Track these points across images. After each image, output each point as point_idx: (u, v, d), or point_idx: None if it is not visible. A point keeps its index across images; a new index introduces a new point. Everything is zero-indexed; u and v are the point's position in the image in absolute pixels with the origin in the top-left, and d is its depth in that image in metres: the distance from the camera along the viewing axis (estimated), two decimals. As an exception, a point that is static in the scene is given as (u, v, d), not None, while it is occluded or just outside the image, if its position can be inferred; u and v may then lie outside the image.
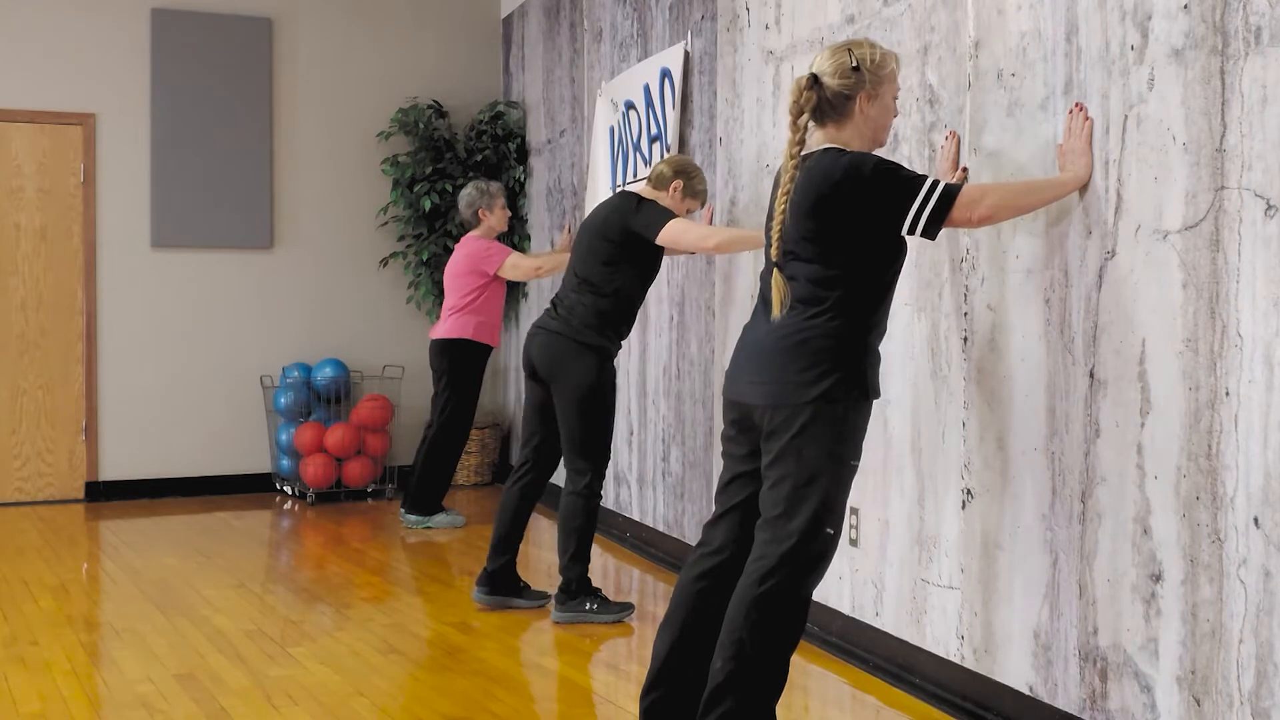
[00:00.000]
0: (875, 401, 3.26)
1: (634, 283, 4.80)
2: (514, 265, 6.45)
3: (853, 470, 3.17)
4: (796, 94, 3.17)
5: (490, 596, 4.97)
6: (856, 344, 3.14)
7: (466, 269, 6.52)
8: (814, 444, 3.09)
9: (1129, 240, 3.15)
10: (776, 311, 3.16)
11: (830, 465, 3.10)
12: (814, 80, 3.18)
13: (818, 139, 3.23)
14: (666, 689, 3.33)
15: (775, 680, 3.15)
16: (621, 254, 4.75)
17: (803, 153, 3.18)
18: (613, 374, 4.84)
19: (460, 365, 6.58)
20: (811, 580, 3.15)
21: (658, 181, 4.88)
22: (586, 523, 4.82)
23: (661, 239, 4.69)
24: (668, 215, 4.71)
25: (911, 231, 3.12)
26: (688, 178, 4.87)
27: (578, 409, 4.76)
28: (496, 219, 6.64)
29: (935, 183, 3.10)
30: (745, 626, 3.09)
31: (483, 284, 6.50)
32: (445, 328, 6.57)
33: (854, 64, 3.17)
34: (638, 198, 4.81)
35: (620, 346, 4.87)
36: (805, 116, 3.17)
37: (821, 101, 3.18)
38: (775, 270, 3.18)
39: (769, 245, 3.22)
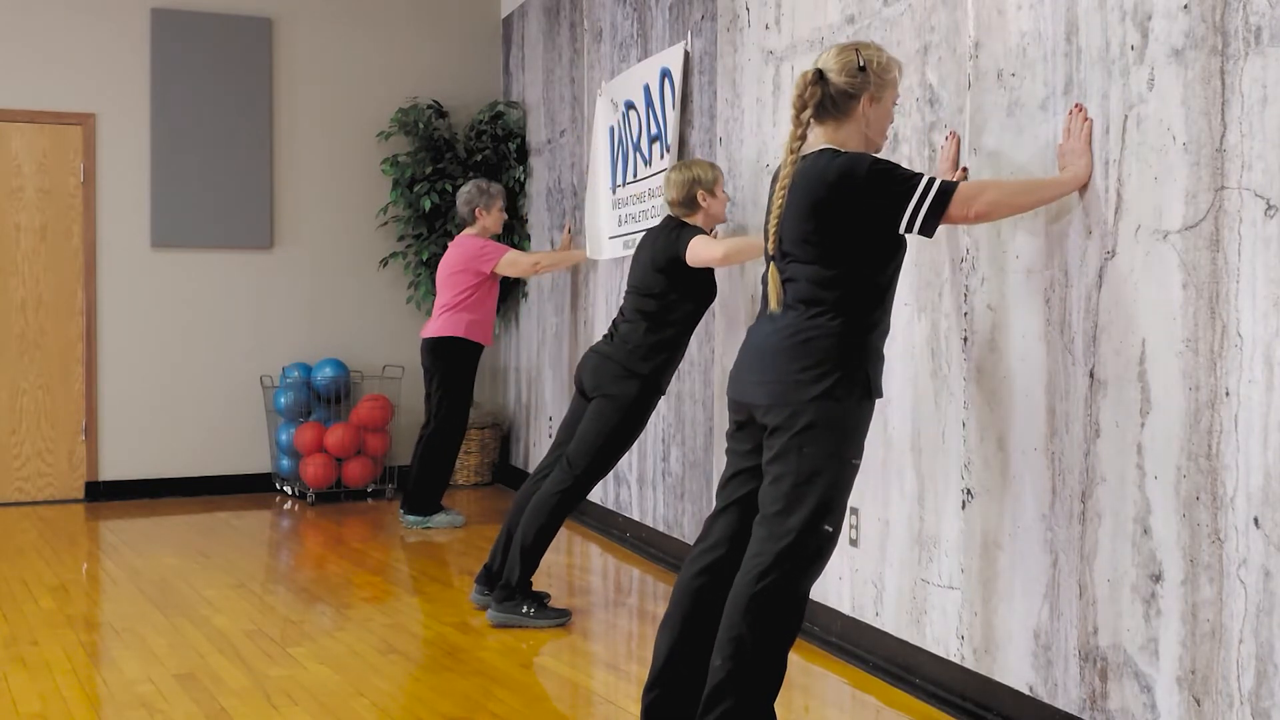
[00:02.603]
0: (876, 401, 3.27)
1: (689, 311, 4.82)
2: (511, 262, 6.45)
3: (854, 469, 3.18)
4: (801, 88, 3.18)
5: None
6: (859, 343, 3.15)
7: (461, 268, 6.52)
8: (816, 442, 3.10)
9: (1129, 240, 3.15)
10: (774, 305, 3.17)
11: (831, 464, 3.11)
12: (819, 76, 3.19)
13: (815, 138, 3.24)
14: (667, 687, 3.34)
15: (774, 677, 3.15)
16: (672, 283, 4.77)
17: (801, 151, 3.18)
18: (651, 406, 4.83)
19: (452, 364, 6.57)
20: (809, 577, 3.15)
21: (688, 207, 4.80)
22: (549, 524, 4.77)
23: (689, 259, 4.72)
24: (695, 233, 4.74)
25: (909, 230, 3.12)
26: (698, 177, 4.80)
27: (602, 419, 4.78)
28: (492, 220, 6.63)
29: (931, 181, 3.11)
30: (743, 624, 3.09)
31: (476, 283, 6.50)
32: (437, 326, 6.56)
33: (861, 64, 3.19)
34: (680, 223, 4.83)
35: (671, 377, 4.87)
36: (808, 112, 3.18)
37: (825, 98, 3.19)
38: (771, 265, 3.19)
39: (766, 240, 3.24)
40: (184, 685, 4.08)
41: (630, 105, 6.16)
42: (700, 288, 4.83)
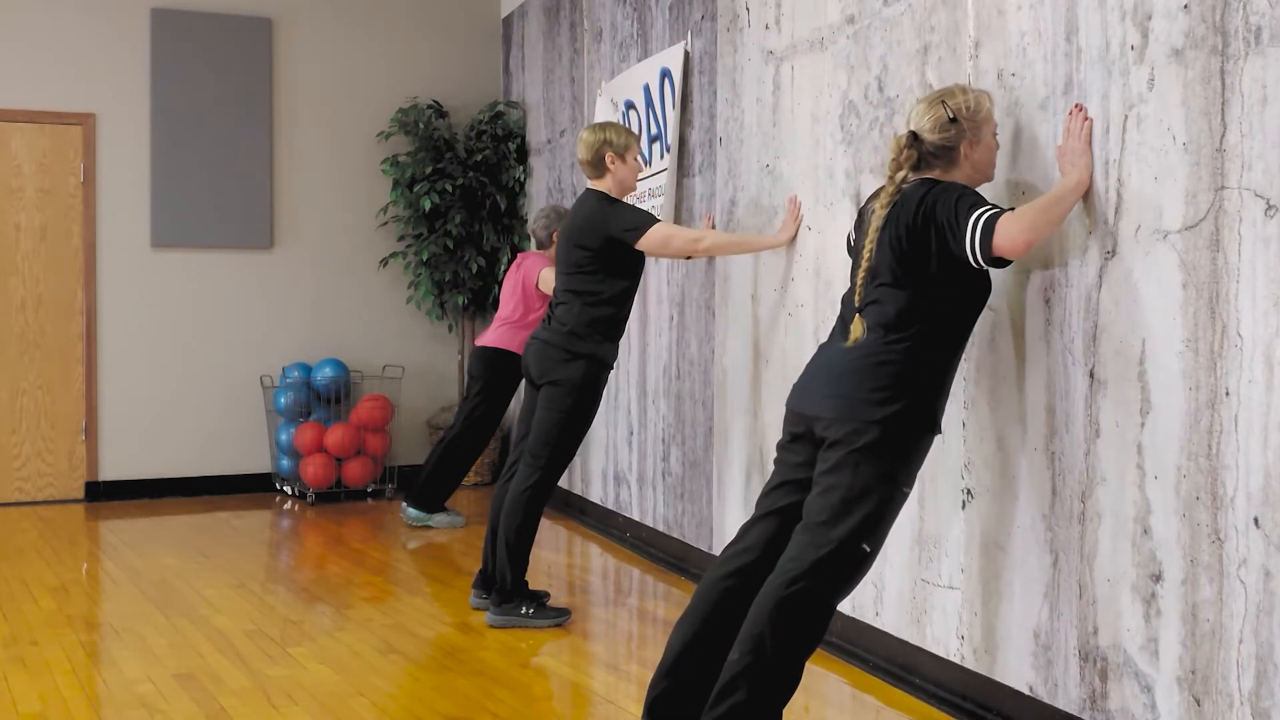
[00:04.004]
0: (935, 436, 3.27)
1: (621, 286, 4.70)
2: (545, 279, 6.43)
3: (904, 497, 3.18)
4: (896, 152, 3.22)
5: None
6: (932, 377, 3.17)
7: (524, 284, 6.50)
8: (872, 461, 3.11)
9: (1129, 240, 3.15)
10: (851, 342, 3.20)
11: (884, 485, 3.12)
12: (914, 138, 3.22)
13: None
14: (676, 681, 3.33)
15: (788, 682, 3.16)
16: (602, 261, 4.65)
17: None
18: (600, 383, 4.74)
19: (499, 376, 6.57)
20: (839, 592, 3.16)
21: (595, 169, 4.73)
22: (525, 522, 4.74)
23: (645, 245, 4.59)
24: (649, 220, 4.61)
25: (977, 264, 3.13)
26: (608, 140, 4.71)
27: (555, 405, 4.71)
28: None
29: (981, 213, 3.08)
30: (767, 624, 3.10)
31: (534, 299, 6.47)
32: (494, 337, 6.55)
33: (951, 115, 3.22)
34: (608, 199, 4.70)
35: (616, 350, 4.77)
36: (903, 173, 3.22)
37: (923, 154, 3.24)
38: (857, 314, 3.22)
39: (854, 288, 3.25)
40: (184, 685, 4.08)
41: (630, 105, 6.16)
42: (628, 263, 4.69)
